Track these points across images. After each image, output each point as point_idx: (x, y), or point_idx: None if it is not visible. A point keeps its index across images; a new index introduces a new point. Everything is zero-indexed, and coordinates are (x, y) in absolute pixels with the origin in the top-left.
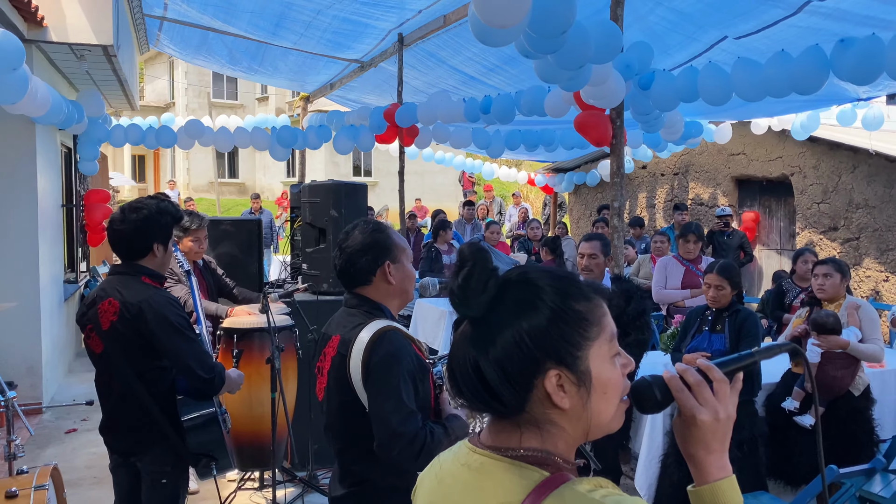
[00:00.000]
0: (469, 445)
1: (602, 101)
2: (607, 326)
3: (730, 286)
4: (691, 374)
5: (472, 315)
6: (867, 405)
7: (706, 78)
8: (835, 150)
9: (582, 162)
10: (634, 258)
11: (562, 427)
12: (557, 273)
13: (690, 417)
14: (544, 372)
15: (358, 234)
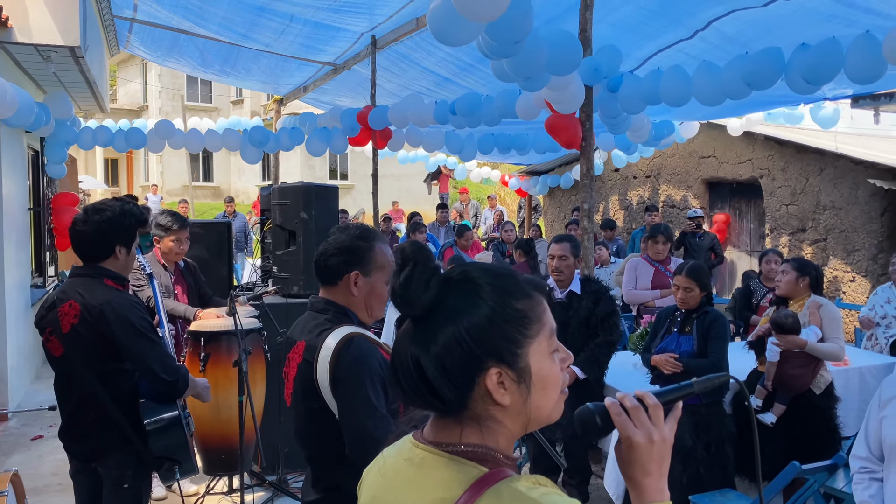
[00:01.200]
0: (412, 440)
1: (563, 106)
2: (547, 323)
3: (698, 288)
4: (629, 400)
5: (413, 314)
6: (830, 403)
7: (669, 81)
8: (802, 152)
9: (556, 164)
10: (608, 260)
11: (502, 423)
12: (498, 271)
13: (626, 439)
14: (485, 370)
15: (342, 235)
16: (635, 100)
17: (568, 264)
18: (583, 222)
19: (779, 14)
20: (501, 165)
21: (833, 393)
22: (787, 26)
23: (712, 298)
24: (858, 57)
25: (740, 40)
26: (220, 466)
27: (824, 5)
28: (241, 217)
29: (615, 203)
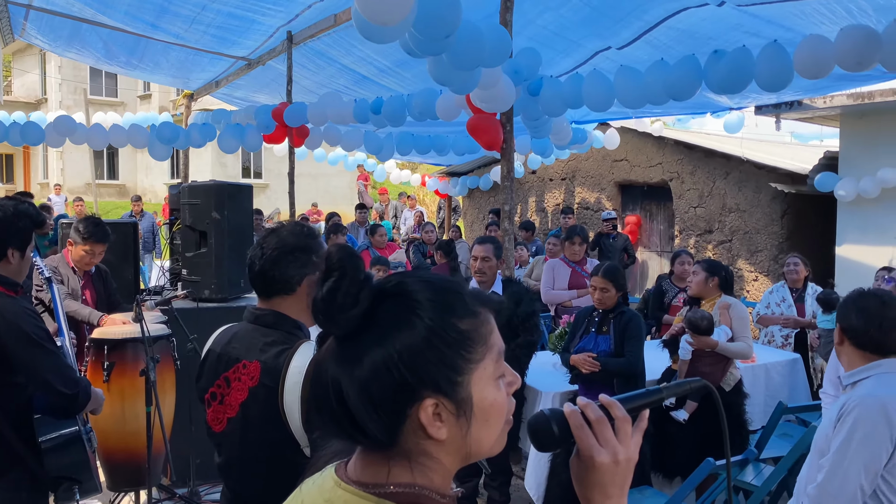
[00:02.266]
0: (335, 477)
1: (492, 106)
2: (494, 345)
3: (614, 288)
4: (592, 411)
5: (338, 333)
6: (739, 399)
7: (590, 85)
8: (710, 157)
9: (476, 166)
10: (527, 260)
11: (437, 459)
12: (440, 284)
13: (588, 458)
14: (419, 400)
15: (288, 235)
16: (557, 103)
17: (491, 266)
18: (503, 224)
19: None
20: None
21: (742, 390)
22: (699, 35)
23: (628, 298)
24: (767, 66)
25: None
26: (125, 482)
27: (732, 16)
28: (149, 217)
29: (532, 205)
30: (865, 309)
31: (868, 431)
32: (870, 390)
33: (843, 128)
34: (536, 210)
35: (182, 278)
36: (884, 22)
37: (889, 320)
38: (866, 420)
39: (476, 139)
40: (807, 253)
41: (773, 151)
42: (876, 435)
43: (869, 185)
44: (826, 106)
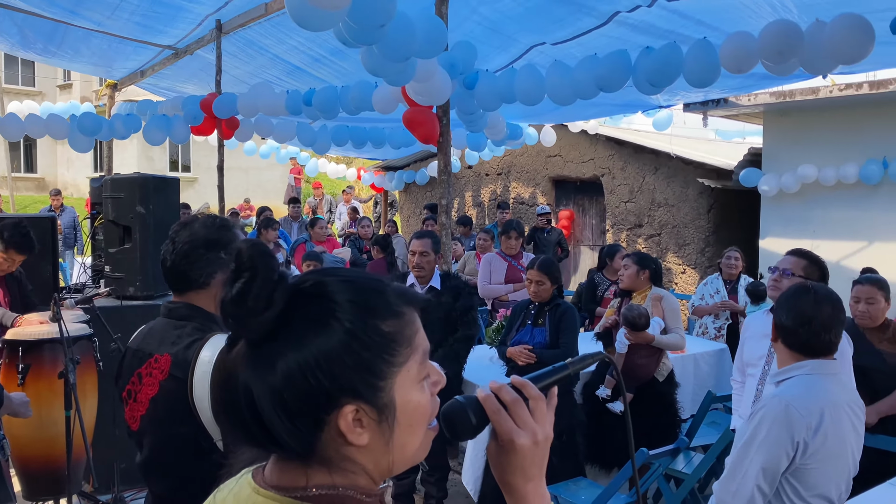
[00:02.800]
0: (251, 483)
1: (428, 99)
2: (420, 345)
3: (550, 281)
4: (507, 392)
5: (250, 337)
6: (671, 389)
7: (523, 80)
8: (640, 153)
9: (412, 160)
10: (461, 255)
11: (360, 464)
12: (362, 283)
13: (508, 442)
14: (338, 407)
15: (200, 228)
16: (491, 97)
17: (429, 260)
18: (440, 218)
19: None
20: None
21: (673, 379)
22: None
23: (563, 291)
24: (696, 61)
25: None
26: (44, 490)
27: (663, 19)
28: (70, 211)
29: (469, 200)
30: (798, 308)
31: (769, 433)
32: (781, 391)
33: (767, 125)
34: (473, 205)
35: (105, 275)
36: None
37: (819, 322)
38: (769, 421)
39: (412, 132)
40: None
41: (700, 148)
42: (776, 437)
43: (790, 181)
44: (750, 104)
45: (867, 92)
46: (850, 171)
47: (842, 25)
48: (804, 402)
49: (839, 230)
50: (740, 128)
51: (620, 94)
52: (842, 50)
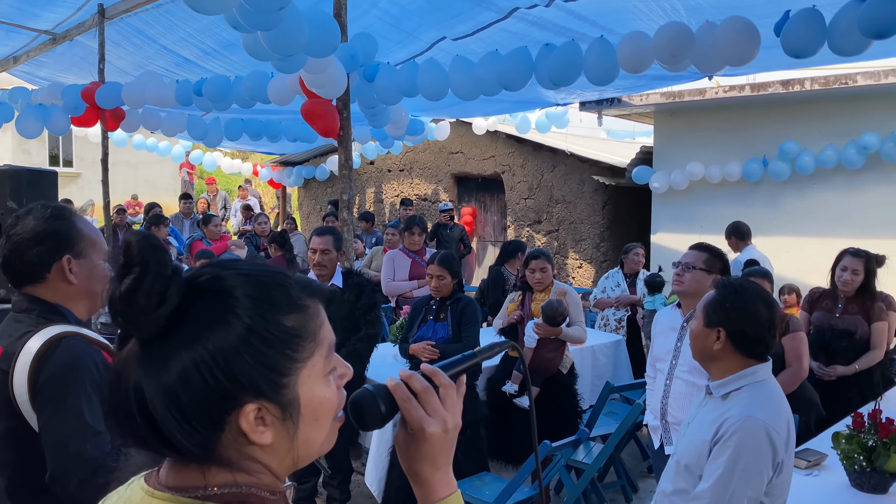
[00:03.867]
0: (144, 487)
1: (326, 91)
2: (324, 339)
3: (450, 276)
4: (417, 381)
5: (142, 336)
6: (573, 381)
7: (425, 74)
8: (538, 150)
9: (311, 156)
10: (363, 252)
11: (263, 463)
12: (262, 276)
13: (419, 430)
14: (238, 407)
15: (31, 220)
16: (392, 91)
17: (331, 258)
18: (342, 214)
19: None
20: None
21: (574, 371)
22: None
23: (463, 285)
24: (595, 60)
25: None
26: None
27: (561, 17)
28: None
29: (371, 196)
30: (756, 314)
31: (752, 460)
32: (748, 410)
33: (657, 125)
34: (375, 201)
35: None
36: (696, 22)
37: (771, 322)
38: (750, 448)
39: (311, 125)
40: (625, 241)
41: (595, 146)
42: (760, 463)
43: (679, 178)
44: (642, 103)
45: (749, 94)
46: (733, 169)
47: (730, 27)
48: (777, 420)
49: (724, 225)
50: (631, 128)
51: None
52: (731, 51)
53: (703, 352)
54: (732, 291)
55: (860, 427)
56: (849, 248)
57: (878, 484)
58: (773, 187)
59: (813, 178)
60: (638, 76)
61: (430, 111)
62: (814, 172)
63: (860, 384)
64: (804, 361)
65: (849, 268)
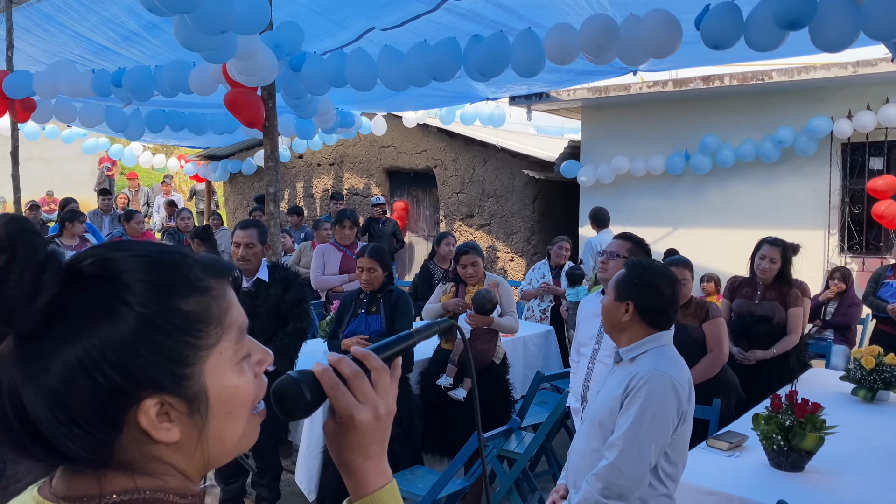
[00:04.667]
0: (38, 498)
1: (252, 79)
2: (233, 323)
3: (381, 268)
4: (346, 365)
5: (17, 331)
6: (505, 371)
7: (353, 64)
8: (470, 145)
9: (238, 149)
10: (292, 247)
11: (170, 464)
12: (156, 257)
13: (348, 418)
14: (136, 403)
15: None
16: (320, 81)
17: (255, 252)
18: (268, 207)
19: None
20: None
21: (507, 362)
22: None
23: (394, 278)
24: (522, 51)
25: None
26: None
27: (488, 10)
28: None
29: (300, 190)
30: (659, 289)
31: (659, 409)
32: (655, 365)
33: (584, 119)
34: (304, 196)
35: None
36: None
37: (672, 295)
38: (656, 397)
39: (235, 115)
40: (555, 234)
41: (525, 141)
42: (666, 411)
43: (605, 172)
44: (570, 98)
45: (672, 89)
46: (657, 162)
47: (653, 20)
48: (680, 373)
49: (648, 217)
50: (560, 124)
51: (450, 85)
52: (654, 43)
53: (614, 323)
54: (641, 269)
55: (778, 408)
56: (767, 238)
57: (795, 462)
58: (695, 180)
59: (732, 171)
60: (565, 70)
61: (360, 104)
62: (733, 166)
63: (778, 368)
64: (724, 346)
65: (767, 256)
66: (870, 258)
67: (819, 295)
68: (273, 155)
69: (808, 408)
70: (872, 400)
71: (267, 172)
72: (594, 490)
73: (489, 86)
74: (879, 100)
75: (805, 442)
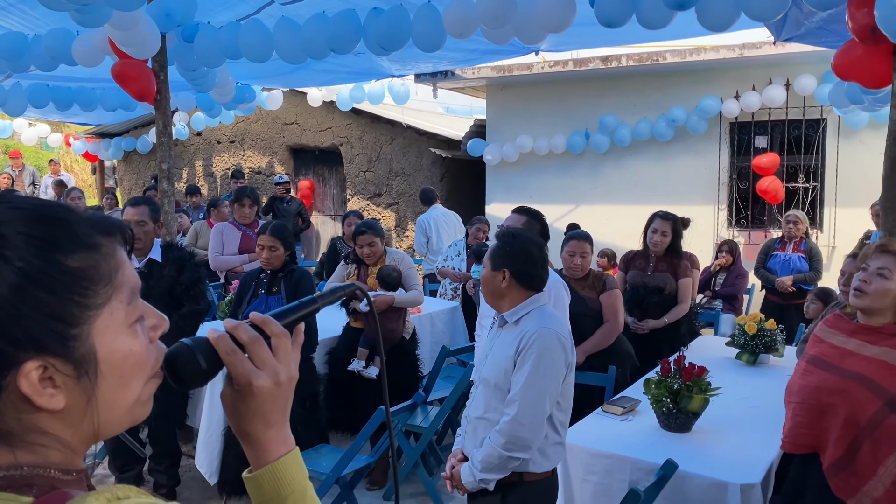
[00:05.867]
0: None
1: (137, 50)
2: (125, 283)
3: (283, 247)
4: (244, 331)
5: None
6: (414, 347)
7: (248, 34)
8: (376, 122)
9: (132, 126)
10: (189, 227)
11: (54, 435)
12: (39, 210)
13: (246, 385)
14: (16, 366)
15: None
16: (213, 52)
17: (147, 230)
18: (162, 185)
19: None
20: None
21: (417, 337)
22: None
23: (296, 257)
24: (423, 26)
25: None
26: None
27: None
28: None
29: (200, 169)
30: (530, 253)
31: (549, 362)
32: (541, 323)
33: (489, 98)
34: (204, 175)
35: None
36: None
37: (544, 259)
38: (546, 351)
39: (124, 87)
40: (463, 211)
41: (432, 120)
42: (556, 363)
43: (510, 151)
44: (474, 77)
45: (572, 69)
46: (559, 141)
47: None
48: (562, 327)
49: (552, 195)
50: (469, 104)
51: (355, 61)
52: (549, 17)
53: (493, 291)
54: (511, 238)
55: (667, 373)
56: (658, 212)
57: (683, 423)
58: (595, 158)
59: (629, 150)
60: (468, 50)
61: (261, 79)
62: (630, 144)
63: (669, 335)
64: (620, 316)
65: (658, 230)
66: (755, 231)
67: (710, 266)
68: (166, 130)
69: (694, 372)
70: (755, 363)
71: (159, 148)
72: (497, 445)
73: (394, 62)
74: (763, 81)
75: (692, 404)
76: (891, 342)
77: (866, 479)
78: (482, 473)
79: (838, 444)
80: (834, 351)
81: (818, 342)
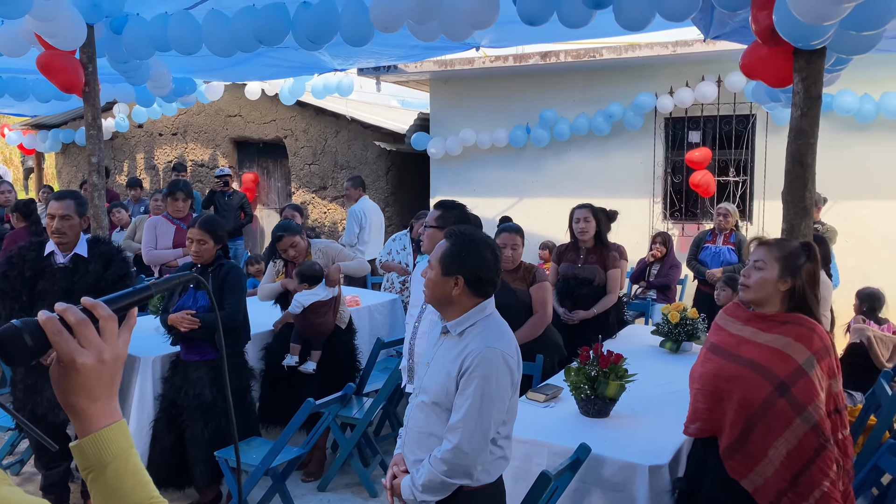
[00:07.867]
0: None
1: (61, 42)
2: None
3: (213, 240)
4: (72, 313)
5: None
6: (351, 336)
7: (177, 27)
8: (321, 115)
9: (70, 118)
10: (128, 222)
11: None
12: None
13: (70, 362)
14: None
15: None
16: (142, 44)
17: (72, 224)
18: (91, 178)
19: None
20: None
21: (353, 326)
22: None
23: (228, 251)
24: (350, 20)
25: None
26: None
27: None
28: None
29: (141, 162)
30: (485, 258)
31: (495, 386)
32: (485, 342)
33: (433, 92)
34: (146, 168)
35: None
36: None
37: (497, 262)
38: (492, 375)
39: (50, 79)
40: (408, 205)
41: (377, 112)
42: (501, 387)
43: (454, 144)
44: (417, 71)
45: (512, 64)
46: (501, 135)
47: None
48: (509, 346)
49: (494, 188)
50: (425, 98)
51: (296, 55)
52: (473, 13)
53: (442, 298)
54: (466, 242)
55: (586, 360)
56: (578, 204)
57: (601, 409)
58: (536, 152)
59: (569, 144)
60: (410, 46)
61: (203, 72)
62: (569, 139)
63: (598, 325)
64: (548, 308)
65: (580, 218)
66: (689, 224)
67: (644, 258)
68: (95, 122)
69: (611, 359)
70: (678, 350)
71: (89, 141)
72: (438, 472)
73: (336, 57)
74: (696, 78)
75: (608, 390)
76: (781, 329)
77: (758, 461)
78: (423, 495)
79: (733, 427)
80: (731, 339)
81: (718, 330)
